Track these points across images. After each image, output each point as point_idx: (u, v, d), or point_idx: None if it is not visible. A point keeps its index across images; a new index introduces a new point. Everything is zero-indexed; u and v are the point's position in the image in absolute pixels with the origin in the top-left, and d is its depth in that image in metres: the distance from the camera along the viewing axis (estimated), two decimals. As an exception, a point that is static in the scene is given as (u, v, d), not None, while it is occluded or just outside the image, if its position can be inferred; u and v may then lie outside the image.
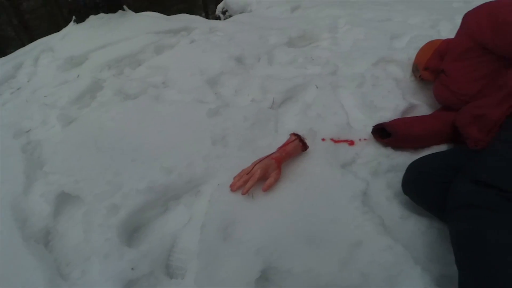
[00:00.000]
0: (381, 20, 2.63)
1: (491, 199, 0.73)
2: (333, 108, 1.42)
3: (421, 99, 1.54)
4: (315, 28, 2.44)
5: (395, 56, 1.86)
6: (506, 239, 0.69)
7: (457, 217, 0.78)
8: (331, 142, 1.27)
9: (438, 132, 1.21)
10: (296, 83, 1.61)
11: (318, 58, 1.93)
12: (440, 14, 2.88)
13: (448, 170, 0.93)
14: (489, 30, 1.05)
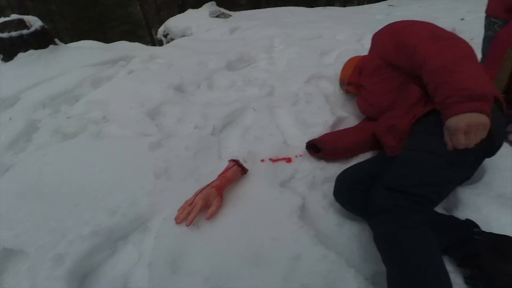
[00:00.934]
0: (312, 38, 2.84)
1: (401, 203, 0.85)
2: (270, 129, 1.51)
3: (349, 111, 1.70)
4: (252, 50, 2.57)
5: (325, 72, 2.03)
6: (415, 238, 0.81)
7: (375, 222, 0.89)
8: (270, 162, 1.35)
9: (363, 142, 1.35)
10: (235, 107, 1.69)
11: (256, 80, 2.04)
12: (365, 28, 3.18)
13: (369, 179, 1.04)
14: (393, 49, 1.20)
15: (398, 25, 1.20)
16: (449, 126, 0.85)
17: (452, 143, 0.86)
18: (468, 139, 0.83)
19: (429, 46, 0.99)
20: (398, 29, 1.18)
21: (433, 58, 0.95)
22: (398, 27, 1.19)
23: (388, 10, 4.59)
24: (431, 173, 0.89)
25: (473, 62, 0.92)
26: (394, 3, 5.30)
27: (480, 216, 1.08)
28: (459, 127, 0.82)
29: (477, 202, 1.11)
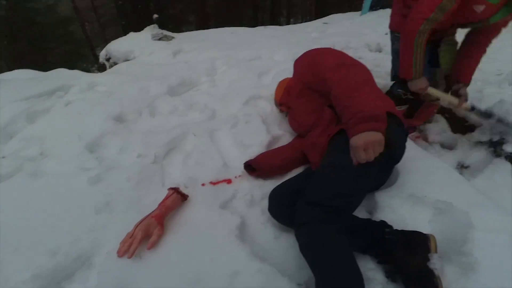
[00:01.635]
0: (252, 59, 3.01)
1: (317, 215, 0.98)
2: (210, 153, 1.60)
3: (284, 128, 1.84)
4: (194, 73, 2.66)
5: (263, 93, 2.18)
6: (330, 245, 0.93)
7: (299, 233, 1.01)
8: (210, 186, 1.43)
9: (294, 159, 1.49)
10: (176, 134, 1.74)
11: (197, 104, 2.12)
12: (300, 47, 3.41)
13: (296, 194, 1.16)
14: (309, 76, 1.36)
15: (312, 53, 1.37)
16: (351, 144, 1.00)
17: (355, 158, 1.01)
18: (368, 154, 0.98)
19: (335, 73, 1.15)
20: (312, 57, 1.34)
21: (338, 84, 1.11)
22: (312, 55, 1.36)
23: (323, 28, 4.98)
24: (342, 186, 1.04)
25: (371, 86, 1.09)
26: (329, 21, 5.75)
27: (396, 215, 1.25)
28: (358, 145, 0.97)
29: (392, 204, 1.28)
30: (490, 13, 1.53)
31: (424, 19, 1.49)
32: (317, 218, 0.97)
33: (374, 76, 2.46)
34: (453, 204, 1.18)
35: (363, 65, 1.20)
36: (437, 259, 1.00)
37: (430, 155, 1.58)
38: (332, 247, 0.93)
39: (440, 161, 1.53)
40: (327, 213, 0.98)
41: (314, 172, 1.28)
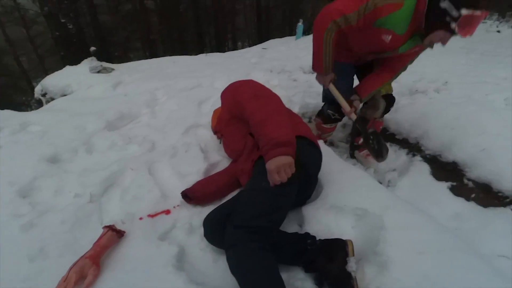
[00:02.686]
0: (192, 88, 3.10)
1: (241, 237, 1.06)
2: (148, 186, 1.63)
3: (223, 154, 1.93)
4: (133, 106, 2.67)
5: (202, 121, 2.27)
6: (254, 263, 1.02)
7: (227, 256, 1.09)
8: (148, 218, 1.46)
9: (229, 184, 1.58)
10: (113, 170, 1.75)
11: (136, 137, 2.14)
12: (240, 73, 3.60)
13: (227, 219, 1.24)
14: (232, 106, 1.48)
15: (234, 86, 1.49)
16: (267, 168, 1.12)
17: (271, 181, 1.13)
18: (281, 176, 1.10)
19: (251, 104, 1.28)
20: (234, 89, 1.47)
21: (253, 114, 1.24)
22: (233, 87, 1.48)
23: (262, 53, 5.27)
24: (261, 207, 1.14)
25: (281, 115, 1.23)
26: (267, 46, 6.10)
27: (322, 225, 1.38)
28: (271, 169, 1.09)
29: (317, 215, 1.41)
30: (398, 44, 1.66)
31: (331, 19, 1.58)
32: (242, 239, 1.06)
33: (306, 96, 2.72)
34: (368, 209, 1.34)
35: (276, 96, 1.35)
36: (353, 262, 1.13)
37: (351, 166, 1.77)
38: (257, 266, 1.02)
39: (360, 171, 1.72)
40: (251, 234, 1.07)
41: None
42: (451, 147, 2.07)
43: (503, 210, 1.81)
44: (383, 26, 1.56)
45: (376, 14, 1.51)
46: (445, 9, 1.38)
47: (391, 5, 1.47)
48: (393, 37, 1.61)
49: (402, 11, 1.49)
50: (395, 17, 1.51)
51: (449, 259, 1.13)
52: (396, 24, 1.55)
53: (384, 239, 1.21)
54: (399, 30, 1.57)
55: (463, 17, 1.36)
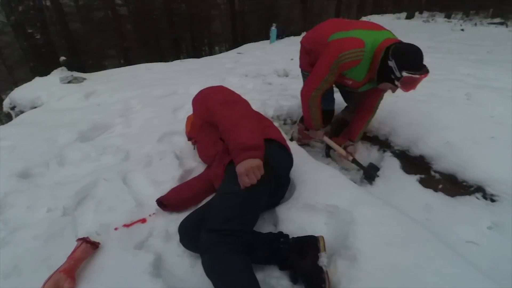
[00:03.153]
0: (167, 95, 3.09)
1: (215, 240, 1.09)
2: (123, 195, 1.62)
3: (198, 160, 1.94)
4: (107, 116, 2.63)
5: (176, 128, 2.27)
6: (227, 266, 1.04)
7: (202, 260, 1.10)
8: (124, 228, 1.45)
9: (204, 189, 1.59)
10: (86, 181, 1.72)
11: (110, 147, 2.11)
12: (214, 79, 3.62)
13: (201, 223, 1.25)
14: (203, 113, 1.50)
15: (204, 92, 1.52)
16: (237, 172, 1.15)
17: (241, 184, 1.16)
18: (250, 179, 1.14)
19: (220, 110, 1.31)
20: (204, 95, 1.49)
21: (222, 119, 1.27)
22: (204, 94, 1.51)
23: (237, 58, 5.32)
24: (233, 210, 1.17)
25: (249, 119, 1.27)
26: (242, 50, 6.16)
27: (296, 224, 1.42)
28: (240, 172, 1.13)
29: (290, 215, 1.45)
30: (359, 86, 1.98)
31: (314, 89, 1.94)
32: (216, 243, 1.08)
33: (281, 99, 2.78)
34: (339, 206, 1.40)
35: (244, 101, 1.39)
36: (325, 257, 1.18)
37: (323, 165, 1.82)
38: (231, 268, 1.04)
39: (331, 169, 1.78)
40: (225, 237, 1.09)
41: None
42: (417, 142, 2.17)
43: (468, 198, 1.90)
44: (346, 75, 1.90)
45: (343, 68, 1.83)
46: (391, 68, 1.66)
47: (351, 62, 1.78)
48: (353, 82, 1.95)
49: (360, 66, 1.80)
50: (355, 70, 1.84)
51: (415, 248, 1.20)
52: (356, 75, 1.88)
53: (354, 233, 1.26)
54: (358, 78, 1.91)
55: (404, 78, 1.63)
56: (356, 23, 1.93)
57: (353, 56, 1.74)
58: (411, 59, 1.63)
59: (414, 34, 8.31)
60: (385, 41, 1.73)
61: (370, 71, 1.81)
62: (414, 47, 1.67)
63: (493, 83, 3.12)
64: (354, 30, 1.81)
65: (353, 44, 1.74)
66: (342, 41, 1.77)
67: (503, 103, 2.41)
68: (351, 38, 1.76)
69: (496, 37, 7.75)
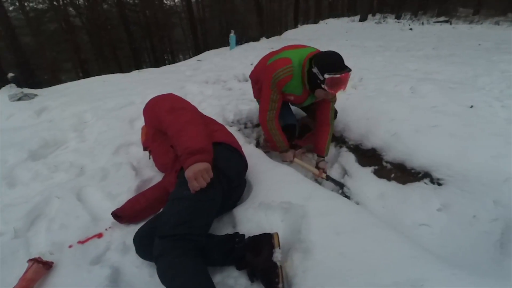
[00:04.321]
0: (124, 106, 3.02)
1: (166, 246, 1.09)
2: (76, 212, 1.57)
3: (156, 170, 1.92)
4: (59, 131, 2.53)
5: (133, 139, 2.23)
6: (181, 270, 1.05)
7: (156, 267, 1.10)
8: (79, 245, 1.41)
9: (160, 198, 1.58)
10: (38, 201, 1.65)
11: (63, 164, 2.03)
12: (173, 86, 3.59)
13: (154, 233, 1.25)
14: (153, 119, 1.50)
15: (152, 101, 1.52)
16: (186, 176, 1.17)
17: (191, 188, 1.18)
18: (199, 182, 1.16)
19: (167, 117, 1.32)
20: (152, 104, 1.49)
21: (170, 126, 1.29)
22: (152, 103, 1.51)
23: (196, 65, 5.31)
24: (183, 214, 1.18)
25: (195, 125, 1.29)
26: (202, 58, 6.16)
27: (253, 223, 1.45)
28: (189, 176, 1.15)
29: (247, 214, 1.49)
30: (302, 100, 2.14)
31: (266, 111, 2.07)
32: (167, 248, 1.09)
33: (240, 103, 2.82)
34: (292, 201, 1.45)
35: (191, 107, 1.41)
36: (279, 253, 1.21)
37: (278, 164, 1.88)
38: (183, 272, 1.05)
39: (286, 167, 1.84)
40: (176, 242, 1.11)
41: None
42: (368, 135, 2.30)
43: (418, 184, 2.03)
44: (286, 91, 2.05)
45: (279, 86, 1.99)
46: (315, 74, 1.83)
47: (284, 79, 1.95)
48: (295, 97, 2.10)
49: (293, 81, 1.97)
50: (291, 85, 1.99)
51: (363, 235, 1.26)
52: (294, 89, 2.03)
53: (307, 226, 1.32)
54: (297, 92, 2.05)
55: (327, 79, 1.78)
56: (287, 47, 2.17)
57: (284, 72, 1.94)
58: (330, 62, 1.81)
59: (366, 35, 8.77)
60: (309, 55, 1.93)
61: (304, 84, 1.99)
62: (332, 52, 1.86)
63: (436, 76, 3.37)
64: (284, 52, 2.07)
65: (282, 63, 1.95)
66: (274, 63, 2.00)
67: (443, 94, 2.61)
68: (281, 59, 1.99)
69: (441, 34, 8.35)
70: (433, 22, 12.98)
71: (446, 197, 1.88)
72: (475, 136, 2.01)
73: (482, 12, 16.03)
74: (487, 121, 2.18)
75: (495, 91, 2.78)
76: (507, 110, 2.34)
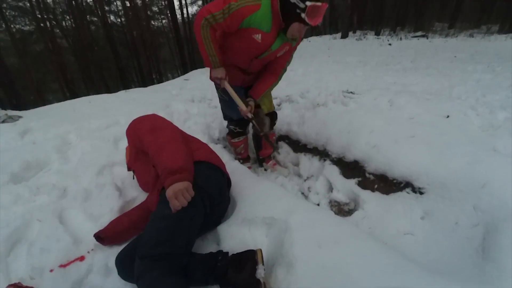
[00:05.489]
0: (108, 126, 3.01)
1: (147, 267, 1.09)
2: (57, 235, 1.55)
3: (140, 189, 1.92)
4: (42, 153, 2.50)
5: (117, 159, 2.23)
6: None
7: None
8: (60, 269, 1.39)
9: (143, 218, 1.57)
10: (17, 225, 1.62)
11: (45, 186, 2.00)
12: (159, 105, 3.61)
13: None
14: (135, 139, 1.52)
15: (134, 121, 1.53)
16: (166, 196, 1.18)
17: (172, 207, 1.19)
18: (180, 201, 1.17)
19: (147, 137, 1.34)
20: (134, 124, 1.51)
21: (150, 146, 1.30)
22: (134, 123, 1.52)
23: (183, 84, 5.36)
24: (163, 234, 1.18)
25: (174, 144, 1.31)
26: (189, 77, 6.23)
27: (237, 240, 1.46)
28: (169, 196, 1.16)
29: (231, 231, 1.49)
30: (270, 42, 1.88)
31: (207, 13, 1.72)
32: (148, 269, 1.08)
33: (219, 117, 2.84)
34: (275, 216, 1.46)
35: (171, 127, 1.44)
36: (262, 269, 1.21)
37: (261, 179, 1.90)
38: None
39: (269, 182, 1.86)
40: (156, 262, 1.10)
41: None
42: (349, 148, 2.35)
43: (400, 194, 2.07)
44: (250, 26, 1.76)
45: (239, 15, 1.71)
46: (294, 3, 1.65)
47: (251, 7, 1.69)
48: (263, 36, 1.82)
49: (261, 11, 1.72)
50: (257, 16, 1.73)
51: (345, 246, 1.28)
52: (261, 22, 1.76)
53: (289, 240, 1.33)
54: (265, 28, 1.79)
55: (309, 7, 1.62)
56: None
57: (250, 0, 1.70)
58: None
59: (347, 51, 9.05)
60: None
61: (274, 18, 1.77)
62: None
63: (413, 88, 3.50)
64: None
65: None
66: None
67: (420, 105, 2.71)
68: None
69: (418, 47, 8.69)
70: (411, 37, 13.52)
71: (428, 205, 1.92)
72: (451, 144, 2.08)
73: (457, 25, 16.81)
74: (462, 129, 2.27)
75: (471, 100, 2.90)
76: (481, 118, 2.44)
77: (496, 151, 1.99)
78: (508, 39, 10.65)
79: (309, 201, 2.31)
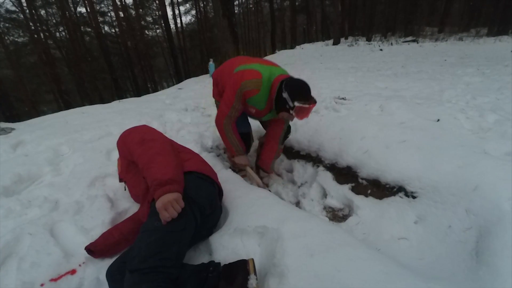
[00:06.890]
0: (101, 137, 3.00)
1: (136, 280, 1.08)
2: (47, 249, 1.52)
3: (132, 201, 1.91)
4: (33, 166, 2.48)
5: (110, 170, 2.21)
6: None
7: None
8: (51, 283, 1.37)
9: (134, 230, 1.56)
10: (7, 240, 1.59)
11: (37, 199, 1.99)
12: (152, 115, 3.61)
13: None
14: (125, 150, 1.52)
15: (125, 133, 1.53)
16: (156, 207, 1.18)
17: (162, 219, 1.18)
18: (170, 213, 1.16)
19: (137, 149, 1.34)
20: (124, 136, 1.51)
21: (140, 158, 1.30)
22: (124, 135, 1.52)
23: (176, 94, 5.37)
24: (153, 246, 1.16)
25: (164, 155, 1.31)
26: (183, 86, 6.25)
27: (229, 250, 1.45)
28: (159, 207, 1.16)
29: (223, 241, 1.48)
30: (262, 114, 2.22)
31: (224, 117, 2.14)
32: (138, 282, 1.07)
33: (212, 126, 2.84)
34: (267, 225, 1.46)
35: (162, 138, 1.44)
36: (253, 279, 1.20)
37: (254, 188, 1.90)
38: None
39: (261, 190, 1.86)
40: (146, 275, 1.09)
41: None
42: (342, 154, 2.37)
43: (393, 198, 2.08)
44: (249, 103, 2.11)
45: (245, 97, 2.05)
46: (285, 99, 1.91)
47: (251, 91, 2.01)
48: (256, 111, 2.18)
49: (259, 96, 2.04)
50: (255, 99, 2.06)
51: (336, 255, 1.28)
52: (256, 103, 2.10)
53: (281, 249, 1.32)
54: (259, 107, 2.13)
55: (296, 107, 1.87)
56: (256, 60, 2.22)
57: (253, 84, 1.99)
58: (300, 92, 1.89)
59: (339, 58, 9.15)
60: (280, 76, 2.00)
61: (269, 101, 2.07)
62: (303, 82, 1.95)
63: (404, 93, 3.53)
64: (254, 64, 2.10)
65: (252, 74, 2.00)
66: (244, 72, 2.04)
67: (411, 110, 2.73)
68: (251, 70, 2.03)
69: (409, 52, 8.81)
70: (401, 42, 13.70)
71: (421, 209, 1.93)
72: (441, 148, 2.09)
73: (446, 29, 17.09)
74: (453, 133, 2.29)
75: (461, 103, 2.93)
76: (471, 121, 2.46)
77: (486, 153, 2.01)
78: (497, 41, 10.86)
79: (303, 208, 2.31)
